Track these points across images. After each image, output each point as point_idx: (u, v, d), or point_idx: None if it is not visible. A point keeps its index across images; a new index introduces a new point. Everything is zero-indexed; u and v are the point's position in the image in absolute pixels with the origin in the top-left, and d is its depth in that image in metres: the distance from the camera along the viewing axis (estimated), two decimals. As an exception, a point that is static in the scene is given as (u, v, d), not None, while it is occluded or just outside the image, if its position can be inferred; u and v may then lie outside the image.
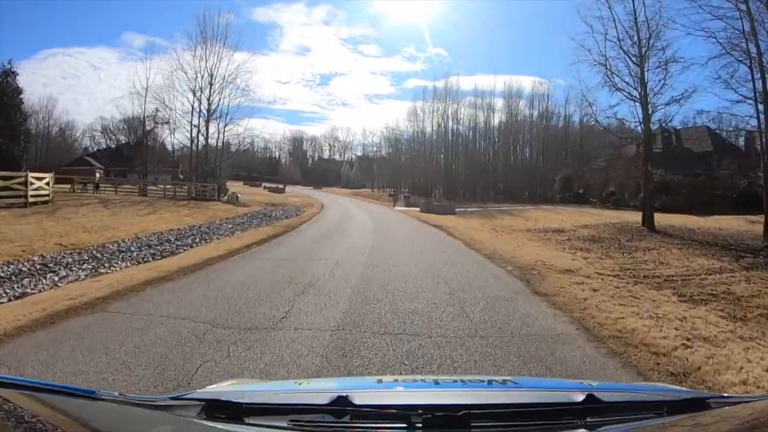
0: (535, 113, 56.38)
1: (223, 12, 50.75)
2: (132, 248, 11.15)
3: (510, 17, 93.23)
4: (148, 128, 34.51)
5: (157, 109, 31.19)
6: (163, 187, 27.79)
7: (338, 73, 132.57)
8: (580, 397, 1.08)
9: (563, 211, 32.00)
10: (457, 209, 28.91)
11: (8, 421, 0.79)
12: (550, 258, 10.53)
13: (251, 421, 1.01)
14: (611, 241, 16.82)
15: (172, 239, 12.50)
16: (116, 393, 1.11)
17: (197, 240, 12.17)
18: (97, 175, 42.39)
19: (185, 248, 10.97)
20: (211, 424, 1.00)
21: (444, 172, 53.29)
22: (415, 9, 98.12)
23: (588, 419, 1.04)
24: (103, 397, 1.06)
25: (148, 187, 28.56)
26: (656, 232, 20.89)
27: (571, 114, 56.56)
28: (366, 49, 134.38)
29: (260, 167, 76.32)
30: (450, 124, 54.70)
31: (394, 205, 36.10)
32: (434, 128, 55.66)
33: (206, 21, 30.86)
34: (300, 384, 1.49)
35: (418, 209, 29.23)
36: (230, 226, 15.75)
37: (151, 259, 9.60)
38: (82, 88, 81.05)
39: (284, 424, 0.99)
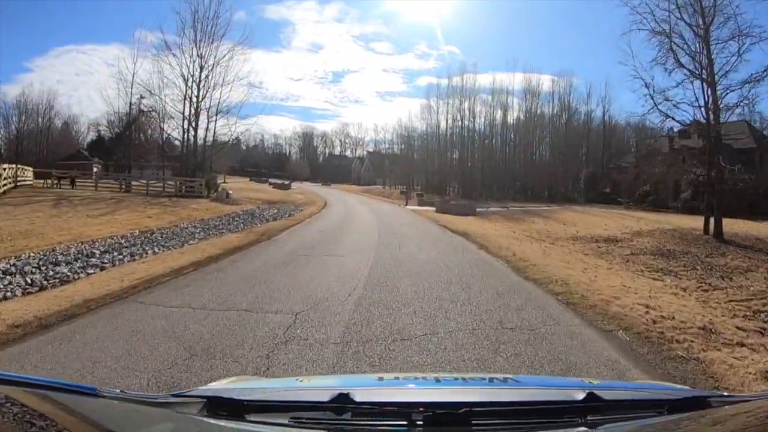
0: (555, 110, 52.03)
1: (236, 9, 47.38)
2: (26, 268, 7.51)
3: (524, 14, 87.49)
4: (139, 120, 30.72)
5: (141, 96, 27.35)
6: (146, 182, 24.20)
7: (350, 70, 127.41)
8: (581, 395, 1.03)
9: (596, 212, 27.64)
10: (477, 209, 24.72)
11: (9, 418, 0.76)
12: (649, 295, 6.49)
13: (252, 419, 0.96)
14: (687, 257, 12.72)
15: (98, 253, 8.78)
16: (117, 390, 1.05)
17: (124, 255, 8.42)
18: (95, 169, 39.23)
19: (93, 270, 7.24)
20: (212, 421, 0.96)
21: (459, 169, 49.05)
22: (427, 7, 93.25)
23: (589, 417, 0.98)
24: (105, 394, 1.00)
25: (133, 183, 25.01)
26: (725, 242, 16.68)
27: (593, 110, 52.00)
28: (378, 46, 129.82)
29: (269, 163, 72.70)
30: (466, 121, 50.63)
31: (406, 204, 31.94)
32: (449, 123, 51.71)
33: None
34: (301, 381, 1.54)
35: (433, 209, 25.14)
36: (195, 231, 11.99)
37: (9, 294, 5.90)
38: (96, 84, 78.25)
39: (285, 421, 0.95)
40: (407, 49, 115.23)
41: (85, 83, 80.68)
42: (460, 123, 51.03)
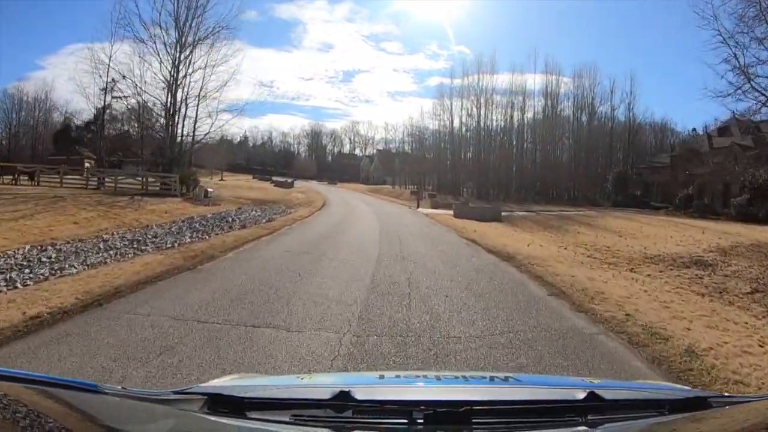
0: (575, 108, 47.51)
1: (247, 8, 43.44)
2: None
3: (537, 14, 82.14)
4: (113, 108, 27.07)
5: (114, 80, 23.71)
6: (114, 178, 20.66)
7: (361, 70, 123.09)
8: (581, 395, 1.00)
9: (642, 219, 23.09)
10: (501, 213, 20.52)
11: (9, 416, 0.74)
12: None
13: (253, 416, 0.93)
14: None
15: None
16: (119, 387, 1.01)
17: None
18: (87, 165, 36.08)
19: None
20: (213, 418, 0.93)
21: (475, 168, 44.80)
22: (437, 7, 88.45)
23: (590, 417, 0.95)
24: (106, 391, 0.96)
25: (106, 180, 21.50)
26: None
27: (616, 107, 47.08)
28: (388, 46, 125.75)
29: (276, 161, 69.20)
30: (481, 120, 46.49)
31: (417, 206, 27.87)
32: (463, 121, 47.70)
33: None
34: (302, 379, 1.47)
35: (449, 212, 21.08)
36: (114, 247, 8.18)
37: None
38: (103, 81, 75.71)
39: (286, 419, 0.92)
40: (417, 49, 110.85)
41: (96, 81, 78.18)
42: (475, 121, 46.96)
